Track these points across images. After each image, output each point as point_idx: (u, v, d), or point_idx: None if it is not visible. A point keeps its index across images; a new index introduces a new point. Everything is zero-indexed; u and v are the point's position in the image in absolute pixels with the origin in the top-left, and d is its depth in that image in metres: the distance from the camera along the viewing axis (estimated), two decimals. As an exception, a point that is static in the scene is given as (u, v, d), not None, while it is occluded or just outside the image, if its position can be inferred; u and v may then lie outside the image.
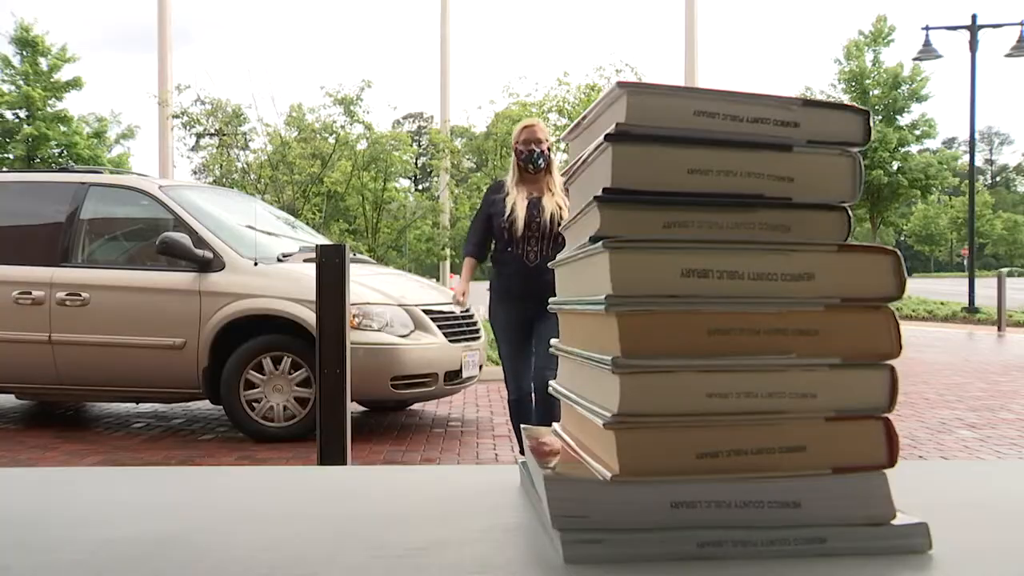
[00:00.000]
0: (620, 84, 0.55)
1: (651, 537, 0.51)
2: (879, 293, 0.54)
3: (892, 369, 0.55)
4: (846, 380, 0.54)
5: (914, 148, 25.81)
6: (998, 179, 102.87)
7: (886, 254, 0.54)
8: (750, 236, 0.55)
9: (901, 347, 0.55)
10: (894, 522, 0.53)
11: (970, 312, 17.75)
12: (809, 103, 0.56)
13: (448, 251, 15.00)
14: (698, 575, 0.49)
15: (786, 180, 0.55)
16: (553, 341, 0.75)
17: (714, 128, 0.55)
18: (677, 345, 0.52)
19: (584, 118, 0.63)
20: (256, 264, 5.79)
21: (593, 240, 0.55)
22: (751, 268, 0.53)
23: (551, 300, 0.76)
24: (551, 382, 0.74)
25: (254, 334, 5.69)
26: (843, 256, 0.54)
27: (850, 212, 0.57)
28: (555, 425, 0.71)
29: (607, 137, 0.54)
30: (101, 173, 7.13)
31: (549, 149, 4.28)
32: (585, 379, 0.60)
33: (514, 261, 4.24)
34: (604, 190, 0.54)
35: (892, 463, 0.55)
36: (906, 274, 0.56)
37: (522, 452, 0.77)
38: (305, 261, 5.53)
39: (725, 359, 0.52)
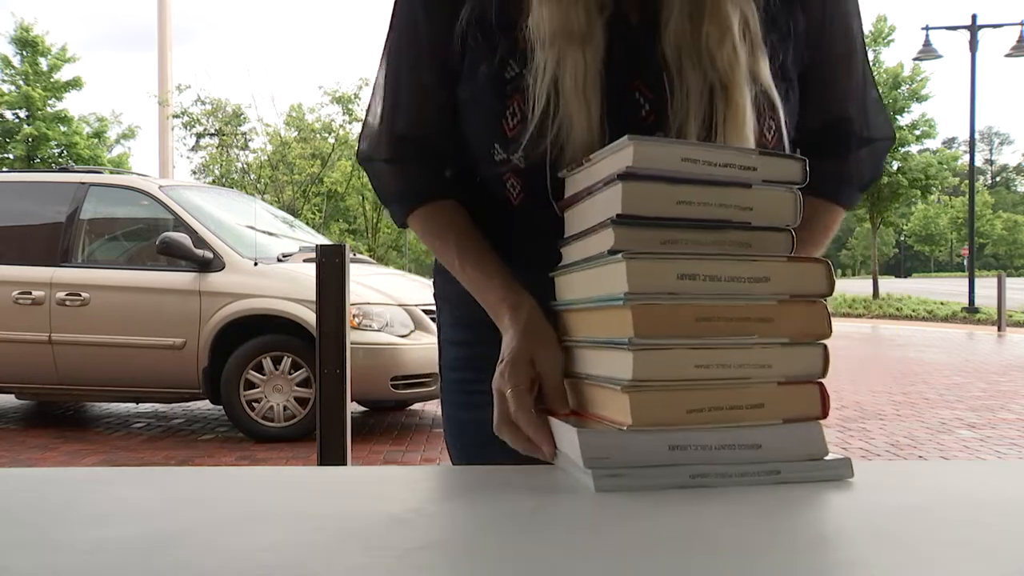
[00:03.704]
0: (629, 136, 0.70)
1: (656, 471, 0.68)
2: (816, 291, 0.72)
3: (825, 346, 0.72)
4: (793, 355, 0.71)
5: (914, 148, 25.74)
6: (998, 179, 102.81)
7: (820, 263, 0.72)
8: (725, 250, 0.72)
9: (831, 330, 0.71)
10: (827, 458, 0.71)
11: (970, 312, 17.74)
12: (763, 153, 0.73)
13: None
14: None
15: (747, 209, 0.72)
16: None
17: (695, 171, 0.71)
18: (674, 329, 0.68)
19: (589, 158, 0.78)
20: (256, 264, 5.79)
21: (611, 252, 0.70)
22: (726, 273, 0.69)
23: (552, 303, 0.82)
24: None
25: (254, 334, 5.69)
26: (790, 264, 0.71)
27: (793, 233, 0.74)
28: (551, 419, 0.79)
29: (619, 176, 0.70)
30: (101, 173, 7.13)
31: None
32: (594, 361, 0.76)
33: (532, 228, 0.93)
34: (617, 215, 0.70)
35: (825, 415, 0.72)
36: (835, 277, 0.72)
37: None
38: (305, 261, 5.53)
39: (708, 339, 0.69)
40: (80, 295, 5.86)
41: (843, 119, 0.97)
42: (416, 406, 6.95)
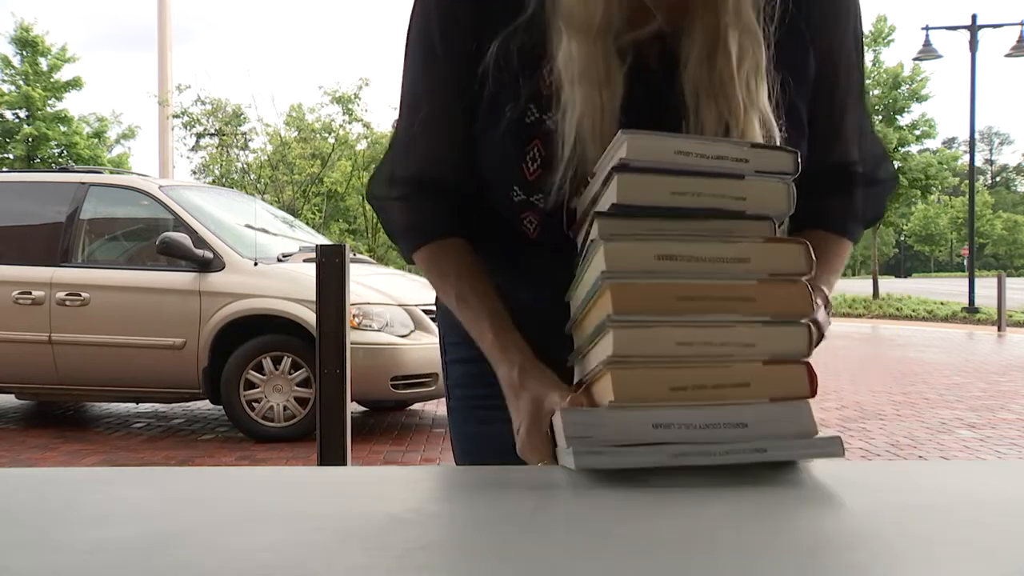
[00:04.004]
0: (623, 131, 0.71)
1: (638, 449, 0.67)
2: (796, 270, 0.72)
3: (809, 326, 0.72)
4: (776, 334, 0.71)
5: (914, 148, 25.68)
6: (998, 179, 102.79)
7: (799, 243, 0.73)
8: (705, 231, 0.72)
9: (813, 308, 0.72)
10: (816, 436, 0.70)
11: (970, 312, 17.73)
12: (755, 145, 0.74)
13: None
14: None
15: (740, 199, 0.73)
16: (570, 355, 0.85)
17: (689, 163, 0.71)
18: (654, 307, 0.69)
19: (593, 173, 0.79)
20: (256, 264, 5.79)
21: (593, 241, 0.72)
22: (705, 254, 0.70)
23: (567, 328, 0.85)
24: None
25: (254, 334, 5.69)
26: (768, 245, 0.72)
27: (775, 223, 0.74)
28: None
29: (614, 169, 0.71)
30: (101, 173, 7.13)
31: None
32: (592, 356, 0.76)
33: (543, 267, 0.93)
34: (612, 205, 0.71)
35: (813, 394, 0.71)
36: (814, 257, 0.72)
37: None
38: (305, 261, 5.53)
39: (689, 317, 0.70)
40: (80, 295, 5.86)
41: (849, 160, 0.99)
42: (416, 406, 6.95)
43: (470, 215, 0.97)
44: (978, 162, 62.13)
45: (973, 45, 19.12)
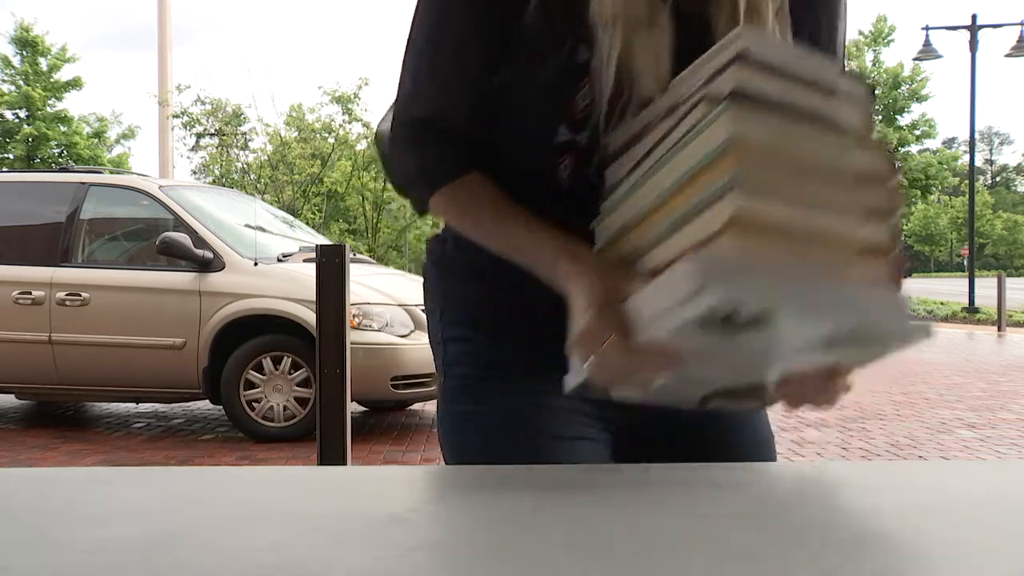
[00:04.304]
0: (743, 25, 0.75)
1: (778, 290, 0.67)
2: (885, 171, 0.75)
3: (897, 224, 0.76)
4: (869, 227, 0.74)
5: (914, 148, 25.72)
6: (998, 179, 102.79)
7: (883, 147, 0.76)
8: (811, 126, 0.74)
9: (901, 206, 0.77)
10: (911, 323, 0.73)
11: (970, 312, 17.73)
12: (844, 72, 0.79)
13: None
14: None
15: (835, 113, 0.75)
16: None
17: (798, 67, 0.74)
18: (773, 178, 0.69)
19: (670, 84, 0.80)
20: (256, 264, 5.79)
21: (708, 114, 0.71)
22: (813, 142, 0.72)
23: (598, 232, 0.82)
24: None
25: (254, 334, 5.69)
26: (862, 149, 0.75)
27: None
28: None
29: (734, 58, 0.72)
30: (101, 173, 7.13)
31: None
32: (663, 248, 0.74)
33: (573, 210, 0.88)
34: (730, 92, 0.70)
35: (900, 284, 0.75)
36: (895, 162, 0.77)
37: None
38: (305, 261, 5.53)
39: (802, 193, 0.70)
40: (80, 295, 5.86)
41: None
42: (416, 406, 6.94)
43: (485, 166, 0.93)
44: (978, 162, 62.07)
45: (973, 45, 19.12)
